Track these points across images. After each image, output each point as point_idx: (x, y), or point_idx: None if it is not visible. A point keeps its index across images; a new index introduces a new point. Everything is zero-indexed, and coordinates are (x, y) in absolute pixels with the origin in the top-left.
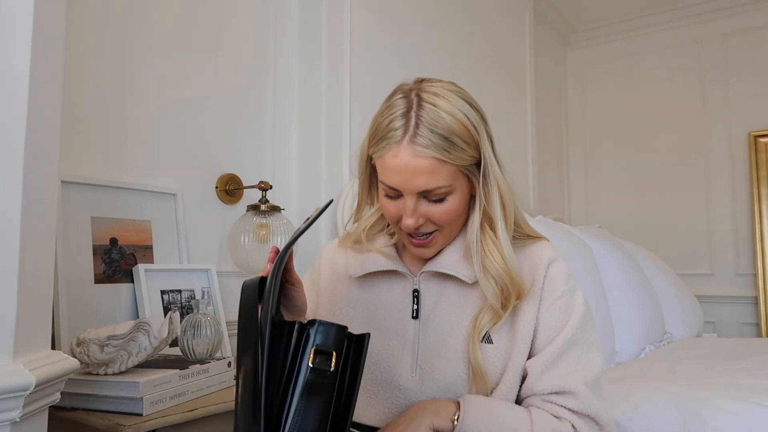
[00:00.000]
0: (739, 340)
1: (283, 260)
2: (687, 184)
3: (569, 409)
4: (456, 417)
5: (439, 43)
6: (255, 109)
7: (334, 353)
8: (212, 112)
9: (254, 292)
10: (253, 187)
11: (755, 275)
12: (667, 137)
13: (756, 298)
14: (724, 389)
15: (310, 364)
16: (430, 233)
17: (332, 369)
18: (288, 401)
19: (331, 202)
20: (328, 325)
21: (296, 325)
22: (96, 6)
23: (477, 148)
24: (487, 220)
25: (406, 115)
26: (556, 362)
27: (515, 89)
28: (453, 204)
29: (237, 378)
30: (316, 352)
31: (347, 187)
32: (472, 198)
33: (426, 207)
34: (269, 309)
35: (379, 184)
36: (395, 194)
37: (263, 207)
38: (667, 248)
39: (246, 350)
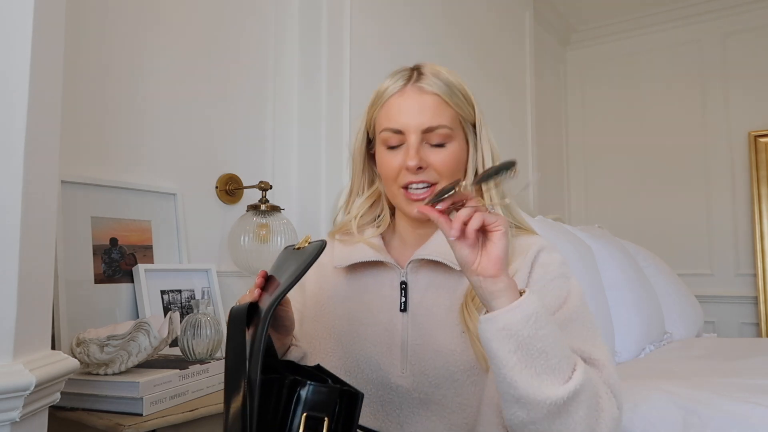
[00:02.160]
0: (739, 340)
1: (270, 313)
2: (687, 184)
3: (600, 377)
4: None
5: (439, 43)
6: (255, 109)
7: (326, 418)
8: (212, 112)
9: (242, 324)
10: (253, 187)
11: (755, 275)
12: (667, 137)
13: (756, 298)
14: (724, 389)
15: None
16: (429, 185)
17: None
18: None
19: (324, 244)
20: (318, 387)
21: (286, 382)
22: (96, 6)
23: (472, 107)
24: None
25: (410, 71)
26: (563, 330)
27: (515, 89)
28: (452, 152)
29: (225, 416)
30: (308, 418)
31: (347, 187)
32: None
33: (428, 152)
34: (258, 367)
35: (379, 139)
36: (398, 141)
37: (263, 207)
38: (667, 248)
39: (234, 389)
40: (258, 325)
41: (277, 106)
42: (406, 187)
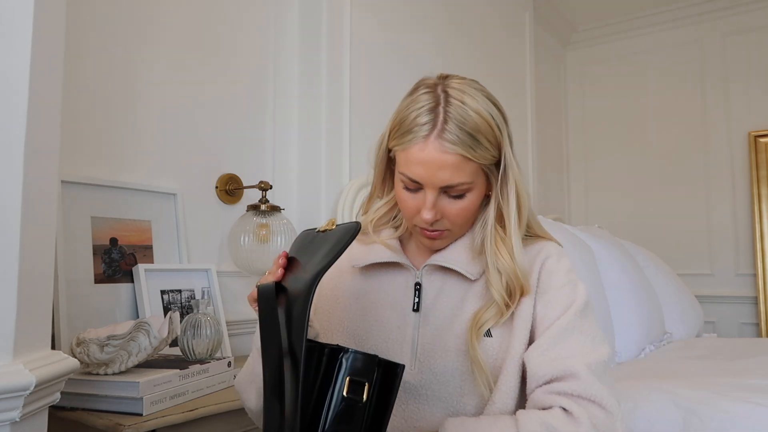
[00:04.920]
0: (739, 340)
1: (314, 286)
2: (687, 184)
3: (566, 394)
4: None
5: (439, 44)
6: (255, 109)
7: (367, 384)
8: (212, 113)
9: (273, 300)
10: (253, 187)
11: (755, 275)
12: (667, 137)
13: (756, 298)
14: (724, 389)
15: (345, 394)
16: (442, 230)
17: (365, 400)
18: (320, 427)
19: (359, 226)
20: (358, 354)
21: (326, 350)
22: (96, 6)
23: (499, 148)
24: (499, 218)
25: (434, 110)
26: (555, 346)
27: (515, 89)
28: (470, 201)
29: (264, 381)
30: (351, 382)
31: (347, 188)
32: (486, 197)
33: (445, 202)
34: (303, 336)
35: (398, 176)
36: (415, 187)
37: (263, 207)
38: (667, 248)
39: (271, 357)
40: (291, 303)
41: (277, 106)
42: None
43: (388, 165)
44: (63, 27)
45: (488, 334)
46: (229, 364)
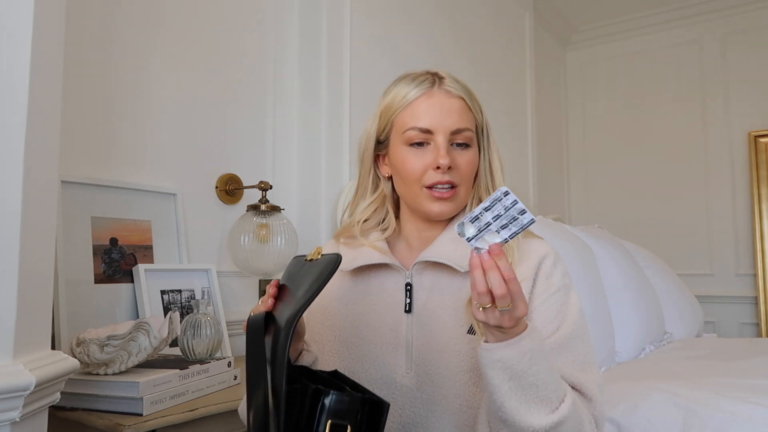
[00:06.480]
0: (739, 340)
1: (293, 327)
2: (687, 184)
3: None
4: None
5: (439, 43)
6: (255, 109)
7: (349, 426)
8: (212, 112)
9: (261, 333)
10: (253, 187)
11: (755, 275)
12: (667, 137)
13: (756, 298)
14: (724, 389)
15: None
16: (453, 186)
17: None
18: None
19: (339, 258)
20: (341, 396)
21: (309, 390)
22: (96, 6)
23: (482, 114)
24: (486, 192)
25: (431, 75)
26: (563, 353)
27: (515, 89)
28: (474, 154)
29: (248, 421)
30: (332, 425)
31: (347, 187)
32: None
33: (455, 153)
34: (283, 379)
35: (400, 140)
36: (424, 139)
37: (263, 207)
38: (667, 248)
39: (256, 393)
40: (278, 335)
41: (277, 106)
42: (430, 187)
43: (374, 156)
44: (63, 27)
45: (471, 331)
46: (229, 364)
